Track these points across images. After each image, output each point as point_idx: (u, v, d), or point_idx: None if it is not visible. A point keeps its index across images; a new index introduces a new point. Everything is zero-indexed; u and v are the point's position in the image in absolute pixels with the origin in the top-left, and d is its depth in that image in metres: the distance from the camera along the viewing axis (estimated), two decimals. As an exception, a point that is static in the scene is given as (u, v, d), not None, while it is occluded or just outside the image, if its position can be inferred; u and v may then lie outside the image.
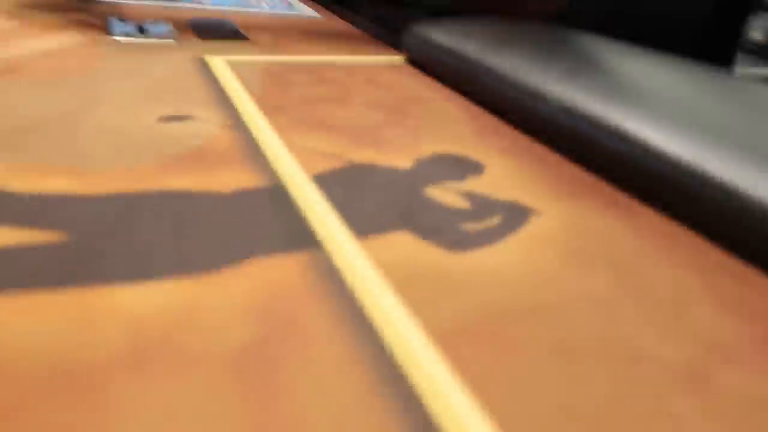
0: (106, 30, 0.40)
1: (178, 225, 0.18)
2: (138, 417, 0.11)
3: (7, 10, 0.43)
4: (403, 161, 0.24)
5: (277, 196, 0.20)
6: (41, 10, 0.44)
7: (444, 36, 0.36)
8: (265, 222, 0.18)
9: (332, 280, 0.16)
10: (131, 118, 0.25)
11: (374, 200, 0.21)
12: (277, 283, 0.16)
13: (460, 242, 0.19)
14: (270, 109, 0.28)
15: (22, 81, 0.28)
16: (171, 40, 0.39)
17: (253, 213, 0.19)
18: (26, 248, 0.16)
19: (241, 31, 0.44)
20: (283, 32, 0.45)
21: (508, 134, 0.28)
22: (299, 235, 0.18)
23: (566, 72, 0.28)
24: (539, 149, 0.27)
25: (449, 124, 0.29)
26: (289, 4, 0.58)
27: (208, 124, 0.25)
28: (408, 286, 0.16)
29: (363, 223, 0.19)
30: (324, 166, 0.23)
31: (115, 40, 0.38)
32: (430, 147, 0.26)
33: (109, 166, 0.21)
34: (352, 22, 0.51)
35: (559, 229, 0.20)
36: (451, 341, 0.14)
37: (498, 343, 0.14)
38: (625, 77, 0.28)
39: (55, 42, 0.35)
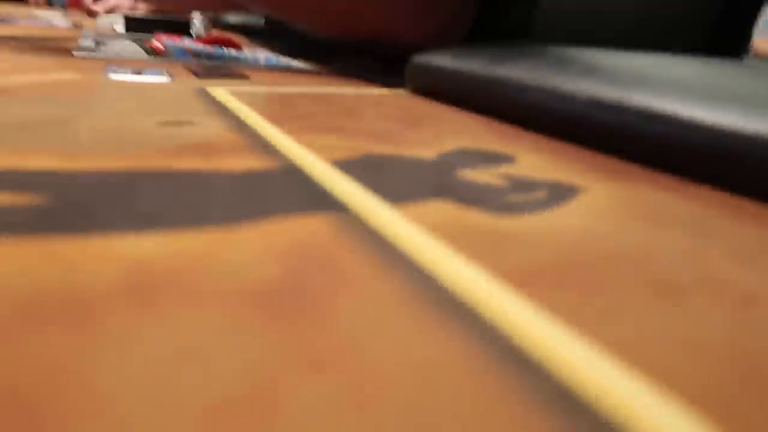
0: (103, 74, 0.39)
1: (185, 192, 0.15)
2: (142, 342, 0.09)
3: (7, 57, 0.42)
4: (426, 153, 0.22)
5: (292, 174, 0.18)
6: (41, 58, 0.43)
7: (447, 59, 0.35)
8: (282, 192, 0.16)
9: (367, 235, 0.13)
10: (128, 122, 0.23)
11: (403, 177, 0.18)
12: (303, 235, 0.13)
13: (507, 208, 0.16)
14: (276, 118, 0.26)
15: (16, 98, 0.26)
16: (168, 78, 0.38)
17: (267, 185, 0.17)
18: (6, 207, 0.13)
19: (240, 72, 0.43)
20: (282, 75, 0.44)
21: (531, 136, 0.26)
22: (322, 202, 0.16)
23: (582, 71, 0.27)
24: (567, 146, 0.25)
25: (468, 130, 0.27)
26: (286, 59, 0.58)
27: (210, 128, 0.23)
28: (458, 239, 0.14)
29: (394, 194, 0.17)
30: (341, 155, 0.21)
31: (110, 78, 0.36)
32: (452, 144, 0.24)
33: (104, 151, 0.19)
34: (346, 72, 0.51)
35: (613, 200, 0.18)
36: (523, 281, 0.12)
37: (583, 283, 0.12)
38: (642, 69, 0.26)
39: (52, 77, 0.34)
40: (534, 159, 0.22)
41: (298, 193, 0.16)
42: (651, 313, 0.11)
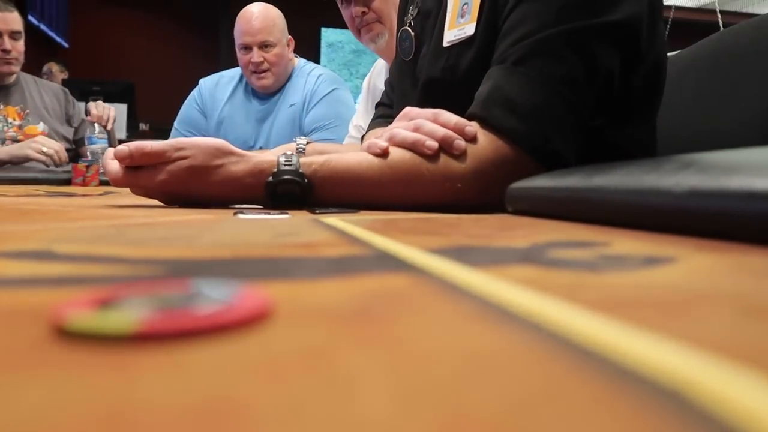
0: (232, 215, 0.44)
1: (282, 266, 0.17)
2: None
3: (154, 212, 0.49)
4: (518, 244, 0.22)
5: (382, 256, 0.19)
6: (182, 210, 0.49)
7: (547, 180, 0.36)
8: (369, 264, 0.17)
9: (439, 284, 0.14)
10: (245, 237, 0.26)
11: (491, 255, 0.19)
12: (380, 285, 0.14)
13: (593, 268, 0.16)
14: (378, 230, 0.28)
15: (159, 227, 0.30)
16: (288, 216, 0.42)
17: (357, 262, 0.18)
18: (136, 275, 0.15)
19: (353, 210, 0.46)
20: (390, 212, 0.47)
21: (627, 231, 0.26)
22: (404, 267, 0.16)
23: (676, 169, 0.27)
24: (662, 236, 0.24)
25: (562, 229, 0.27)
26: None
27: (316, 236, 0.25)
28: (535, 284, 0.14)
29: (479, 263, 0.17)
30: (434, 245, 0.22)
31: (238, 217, 0.41)
32: (545, 238, 0.24)
33: (219, 248, 0.21)
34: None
35: (707, 263, 0.17)
36: (601, 307, 0.11)
37: (667, 307, 0.11)
38: (734, 161, 0.26)
39: (187, 218, 0.39)
40: (629, 243, 0.22)
41: (383, 264, 0.17)
42: (740, 325, 0.10)
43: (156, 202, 0.54)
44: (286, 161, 0.48)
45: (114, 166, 0.50)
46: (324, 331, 0.10)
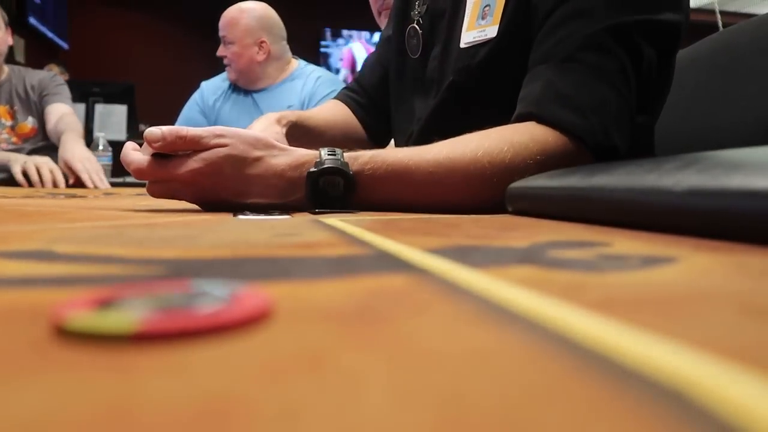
0: (231, 216, 0.44)
1: (281, 265, 0.17)
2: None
3: (157, 214, 0.49)
4: (518, 243, 0.22)
5: (382, 256, 0.19)
6: (182, 213, 0.49)
7: (546, 180, 0.36)
8: (367, 264, 0.17)
9: (439, 283, 0.14)
10: (245, 237, 0.26)
11: (490, 255, 0.19)
12: (379, 284, 0.14)
13: (594, 268, 0.16)
14: (377, 230, 0.28)
15: (159, 227, 0.30)
16: (288, 217, 0.42)
17: (356, 261, 0.18)
18: (138, 274, 0.15)
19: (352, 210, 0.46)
20: (389, 213, 0.47)
21: (628, 231, 0.26)
22: (403, 267, 0.16)
23: (676, 169, 0.27)
24: (662, 236, 0.24)
25: (562, 229, 0.27)
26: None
27: (315, 237, 0.25)
28: (537, 285, 0.14)
29: (479, 264, 0.17)
30: (434, 245, 0.22)
31: (238, 218, 0.41)
32: (545, 237, 0.24)
33: (219, 248, 0.21)
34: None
35: (709, 263, 0.17)
36: (603, 307, 0.11)
37: (666, 306, 0.11)
38: (734, 160, 0.26)
39: (188, 218, 0.39)
40: (629, 243, 0.22)
41: (383, 264, 0.17)
42: (740, 325, 0.10)
43: (156, 203, 0.53)
44: (329, 152, 0.44)
45: (136, 156, 0.44)
46: (324, 331, 0.10)
